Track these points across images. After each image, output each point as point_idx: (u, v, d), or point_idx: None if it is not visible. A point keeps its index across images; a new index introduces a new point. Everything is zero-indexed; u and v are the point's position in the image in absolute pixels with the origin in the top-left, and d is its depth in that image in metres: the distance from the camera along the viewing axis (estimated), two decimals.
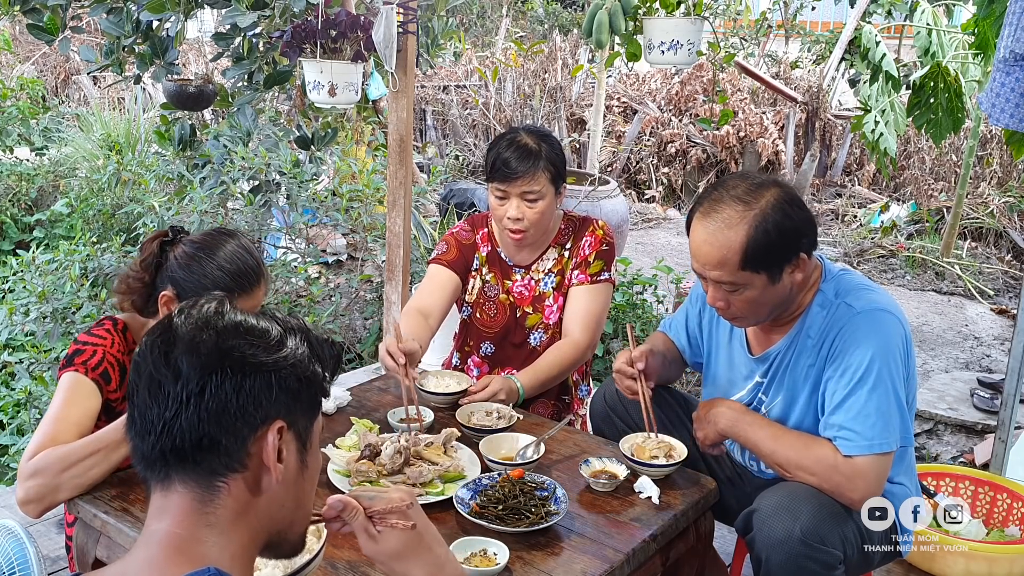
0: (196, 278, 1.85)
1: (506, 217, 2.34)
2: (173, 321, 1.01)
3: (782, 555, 1.67)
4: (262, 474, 1.00)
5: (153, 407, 0.96)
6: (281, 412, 1.00)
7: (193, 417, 0.95)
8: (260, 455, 0.99)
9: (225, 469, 0.98)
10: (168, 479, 0.98)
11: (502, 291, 2.51)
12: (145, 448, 0.98)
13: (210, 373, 0.96)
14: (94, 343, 1.86)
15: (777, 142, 8.32)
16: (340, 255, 5.70)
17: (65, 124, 8.38)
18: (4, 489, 2.96)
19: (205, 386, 0.95)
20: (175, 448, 0.96)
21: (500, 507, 1.69)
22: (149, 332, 1.02)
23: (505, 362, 2.53)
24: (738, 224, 1.73)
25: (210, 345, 0.97)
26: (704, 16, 3.20)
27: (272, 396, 0.99)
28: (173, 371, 0.96)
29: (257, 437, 0.99)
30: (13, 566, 1.99)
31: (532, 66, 8.92)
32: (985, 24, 2.99)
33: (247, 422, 0.97)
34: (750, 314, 1.84)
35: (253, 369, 0.98)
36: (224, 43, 3.84)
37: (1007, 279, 6.24)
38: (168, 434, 0.96)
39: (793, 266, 1.78)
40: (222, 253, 1.87)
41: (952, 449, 3.54)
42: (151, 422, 0.97)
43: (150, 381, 0.97)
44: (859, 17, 7.58)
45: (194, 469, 0.97)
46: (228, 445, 0.97)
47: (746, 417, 1.87)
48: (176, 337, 0.98)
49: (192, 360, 0.96)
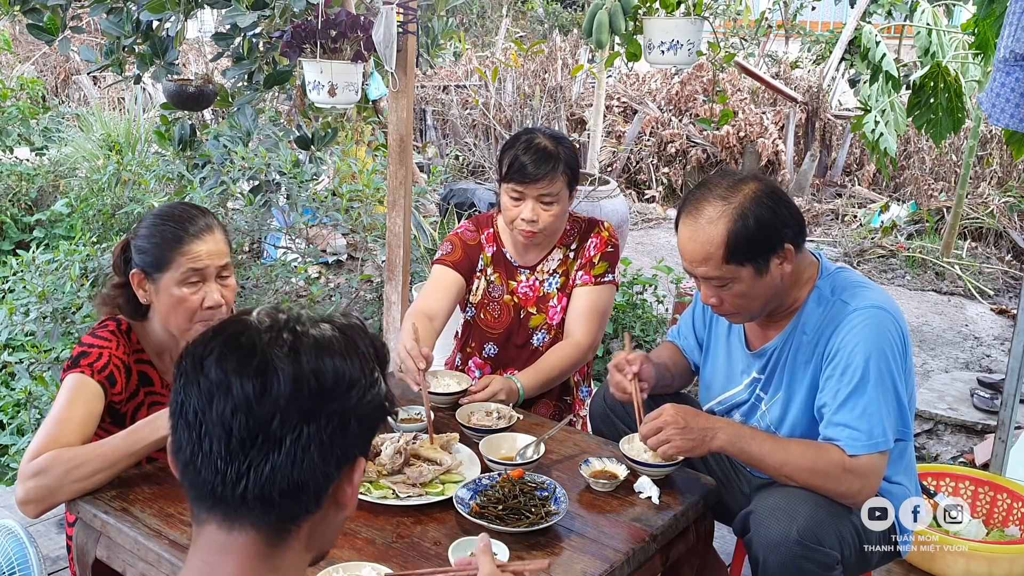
0: (147, 240, 1.87)
1: (520, 218, 2.34)
2: (259, 344, 0.91)
3: (779, 556, 1.67)
4: (334, 510, 0.96)
5: (236, 448, 0.88)
6: (362, 448, 0.96)
7: (287, 463, 0.88)
8: (337, 494, 0.95)
9: (304, 512, 0.93)
10: (237, 518, 0.91)
11: (506, 292, 2.50)
12: (216, 485, 0.89)
13: (309, 420, 0.89)
14: (100, 345, 1.85)
15: (777, 142, 8.31)
16: (340, 255, 5.70)
17: (65, 124, 8.38)
18: (4, 489, 2.96)
19: (302, 432, 0.89)
20: (260, 494, 0.89)
21: (500, 507, 1.69)
22: (226, 347, 0.91)
23: (508, 363, 2.53)
24: (719, 219, 1.77)
25: (314, 390, 0.90)
26: (704, 16, 3.20)
27: (360, 435, 0.95)
28: (269, 411, 0.88)
29: (341, 478, 0.94)
30: (13, 566, 1.99)
31: (532, 66, 8.91)
32: (985, 24, 2.99)
33: (336, 465, 0.93)
34: (743, 308, 1.86)
35: (351, 414, 0.92)
36: (224, 43, 3.84)
37: (1007, 279, 6.24)
38: (256, 477, 0.88)
39: (780, 258, 1.79)
40: (162, 209, 1.92)
41: (952, 449, 3.54)
42: (229, 460, 0.88)
43: (233, 413, 0.88)
44: (859, 17, 7.59)
45: (273, 513, 0.91)
46: (316, 490, 0.92)
47: (745, 432, 1.84)
48: (273, 370, 0.89)
49: (294, 405, 0.88)
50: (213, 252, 1.88)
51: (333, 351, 0.92)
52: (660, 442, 1.80)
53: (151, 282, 1.87)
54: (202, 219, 1.90)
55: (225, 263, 1.90)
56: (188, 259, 1.84)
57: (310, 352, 0.91)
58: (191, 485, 0.92)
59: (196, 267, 1.85)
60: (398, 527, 1.68)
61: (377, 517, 1.70)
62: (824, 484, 1.73)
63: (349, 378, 0.92)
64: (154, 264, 1.86)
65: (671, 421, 1.80)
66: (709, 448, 1.82)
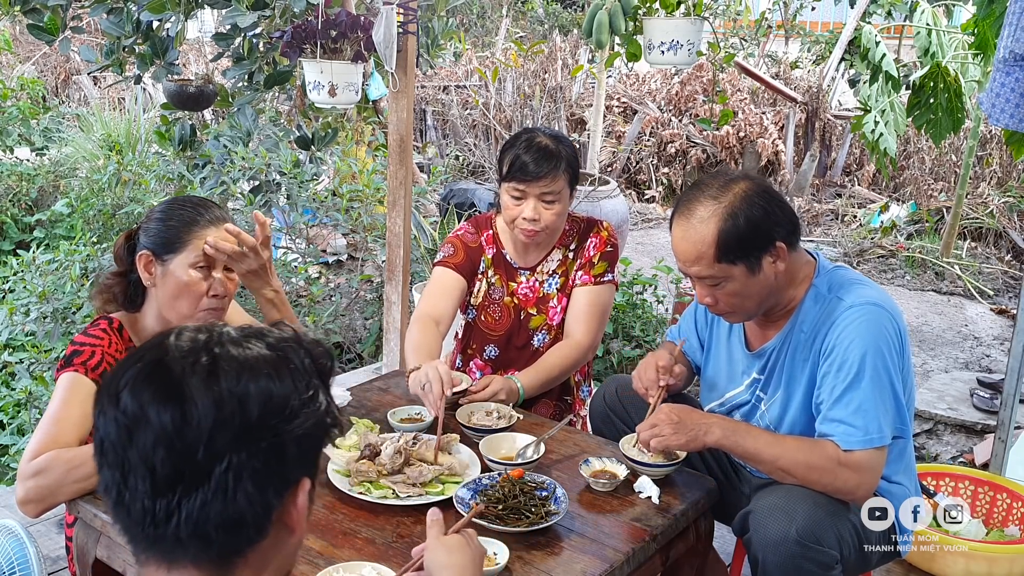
0: (161, 222, 1.88)
1: (521, 217, 2.34)
2: (175, 371, 0.84)
3: (778, 556, 1.67)
4: (283, 536, 0.90)
5: (162, 484, 0.82)
6: (307, 470, 0.91)
7: (218, 496, 0.82)
8: (284, 519, 0.89)
9: (247, 545, 0.87)
10: (176, 558, 0.85)
11: (507, 293, 2.50)
12: (147, 526, 0.83)
13: (238, 448, 0.83)
14: (92, 343, 1.85)
15: (777, 142, 8.31)
16: (340, 255, 5.70)
17: (65, 124, 8.39)
18: (4, 489, 2.96)
19: (231, 461, 0.82)
20: (195, 532, 0.83)
21: (500, 507, 1.69)
22: (141, 375, 0.85)
23: (509, 364, 2.53)
24: (709, 219, 1.79)
25: (239, 416, 0.83)
26: (704, 16, 3.20)
27: (300, 457, 0.88)
28: (192, 442, 0.81)
29: (284, 503, 0.89)
30: (13, 566, 1.99)
31: (532, 66, 8.92)
32: (985, 24, 2.99)
33: (276, 493, 0.87)
34: (737, 308, 1.86)
35: (285, 436, 0.86)
36: (224, 43, 3.84)
37: (1007, 279, 6.24)
38: (188, 514, 0.82)
39: (773, 256, 1.80)
40: (178, 199, 1.96)
41: (952, 449, 3.54)
42: (155, 498, 0.83)
43: (154, 447, 0.82)
44: (859, 17, 7.59)
45: (212, 549, 0.85)
46: (256, 520, 0.86)
47: (740, 427, 1.85)
48: (190, 398, 0.82)
49: (218, 433, 0.82)
50: (225, 241, 1.90)
51: (258, 371, 0.86)
52: (653, 435, 1.83)
53: (159, 263, 1.87)
54: (218, 210, 1.94)
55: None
56: (204, 243, 1.86)
57: (231, 375, 0.85)
58: (123, 528, 0.87)
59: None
60: (398, 527, 1.68)
61: (377, 517, 1.71)
62: (820, 479, 1.74)
63: (279, 399, 0.86)
64: (166, 245, 1.86)
65: (665, 419, 1.83)
66: (704, 443, 1.82)
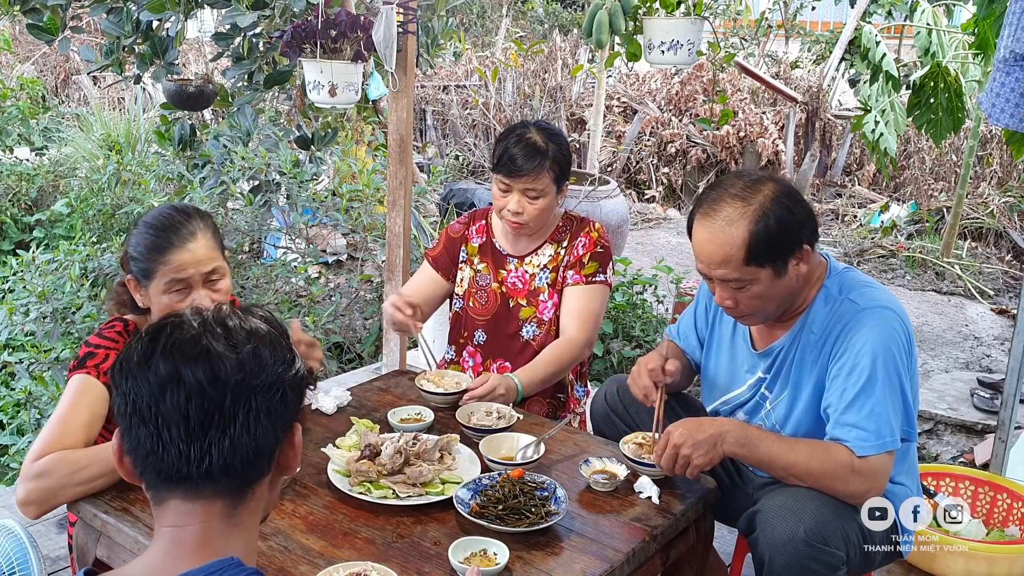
0: (134, 249, 1.87)
1: (506, 208, 2.41)
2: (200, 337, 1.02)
3: (786, 556, 1.67)
4: (278, 472, 1.09)
5: (194, 427, 0.98)
6: (296, 414, 1.09)
7: (244, 433, 1.00)
8: (281, 458, 1.08)
9: (260, 476, 1.05)
10: (200, 491, 1.01)
11: (494, 280, 2.55)
12: (181, 467, 0.99)
13: (255, 394, 1.01)
14: (107, 346, 1.84)
15: (777, 142, 8.31)
16: (340, 255, 5.70)
17: (65, 124, 8.39)
18: (4, 489, 2.95)
19: (251, 405, 1.01)
20: (224, 466, 1.00)
21: (500, 507, 1.69)
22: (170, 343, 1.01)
23: (499, 352, 2.55)
24: (739, 220, 1.75)
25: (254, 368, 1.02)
26: (704, 16, 3.20)
27: (294, 403, 1.08)
28: (220, 393, 0.99)
29: (284, 441, 1.07)
30: (13, 566, 1.99)
31: (532, 66, 8.92)
32: (985, 24, 2.98)
33: (283, 428, 1.06)
34: (758, 310, 1.85)
35: (285, 385, 1.05)
36: (224, 43, 3.83)
37: (1007, 279, 6.24)
38: (219, 452, 0.99)
39: (797, 258, 1.79)
40: (149, 216, 1.91)
41: (952, 449, 3.54)
42: (190, 442, 0.99)
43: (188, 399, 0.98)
44: (859, 17, 7.59)
45: (236, 479, 1.02)
46: (270, 451, 1.05)
47: (751, 434, 1.80)
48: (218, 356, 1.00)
49: (241, 383, 1.00)
50: (198, 259, 1.85)
51: (263, 335, 1.06)
52: (684, 467, 1.75)
53: (144, 289, 1.87)
54: (186, 226, 1.86)
55: (213, 268, 1.87)
56: (170, 269, 1.82)
57: (243, 338, 1.04)
58: (154, 472, 1.01)
59: (179, 277, 1.83)
60: (398, 527, 1.68)
61: (377, 517, 1.70)
62: (832, 485, 1.73)
63: (280, 353, 1.06)
64: (142, 273, 1.86)
65: (680, 442, 1.75)
66: (723, 453, 1.77)
